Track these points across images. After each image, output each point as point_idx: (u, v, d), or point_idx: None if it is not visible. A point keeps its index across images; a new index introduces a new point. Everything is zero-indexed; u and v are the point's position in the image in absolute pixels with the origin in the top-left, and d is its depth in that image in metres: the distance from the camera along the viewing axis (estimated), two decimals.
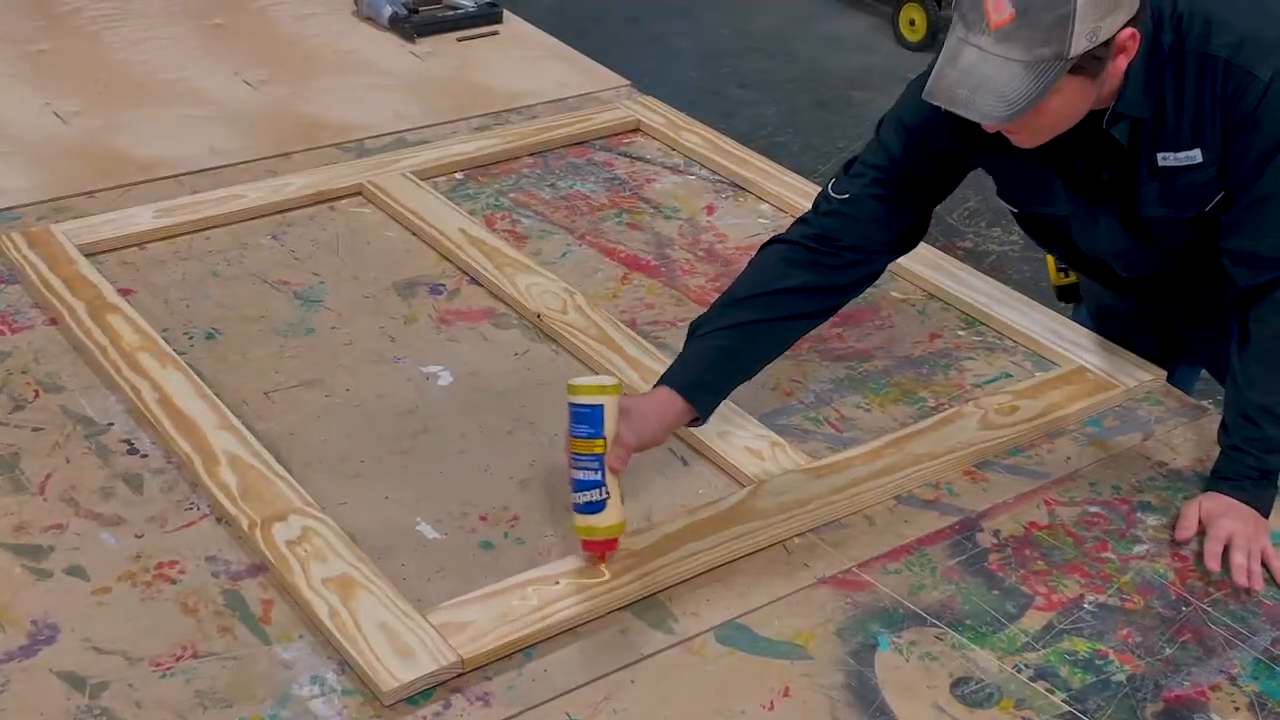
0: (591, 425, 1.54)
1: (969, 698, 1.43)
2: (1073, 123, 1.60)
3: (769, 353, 1.74)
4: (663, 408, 1.62)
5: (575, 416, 1.55)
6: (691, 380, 1.65)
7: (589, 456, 1.54)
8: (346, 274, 2.12)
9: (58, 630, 1.46)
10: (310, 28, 2.99)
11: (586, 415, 1.54)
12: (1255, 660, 1.49)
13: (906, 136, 1.73)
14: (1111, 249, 1.79)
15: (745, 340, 1.69)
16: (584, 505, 1.54)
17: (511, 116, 2.65)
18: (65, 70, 2.74)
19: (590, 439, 1.54)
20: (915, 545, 1.63)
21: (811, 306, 1.74)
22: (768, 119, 5.04)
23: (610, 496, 1.54)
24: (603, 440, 1.54)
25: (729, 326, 1.68)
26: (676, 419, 1.64)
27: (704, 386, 1.66)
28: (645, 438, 1.59)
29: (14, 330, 1.95)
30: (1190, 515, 1.66)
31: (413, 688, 1.39)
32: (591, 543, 1.56)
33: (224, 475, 1.65)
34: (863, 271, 1.77)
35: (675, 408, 1.63)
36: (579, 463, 1.54)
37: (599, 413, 1.54)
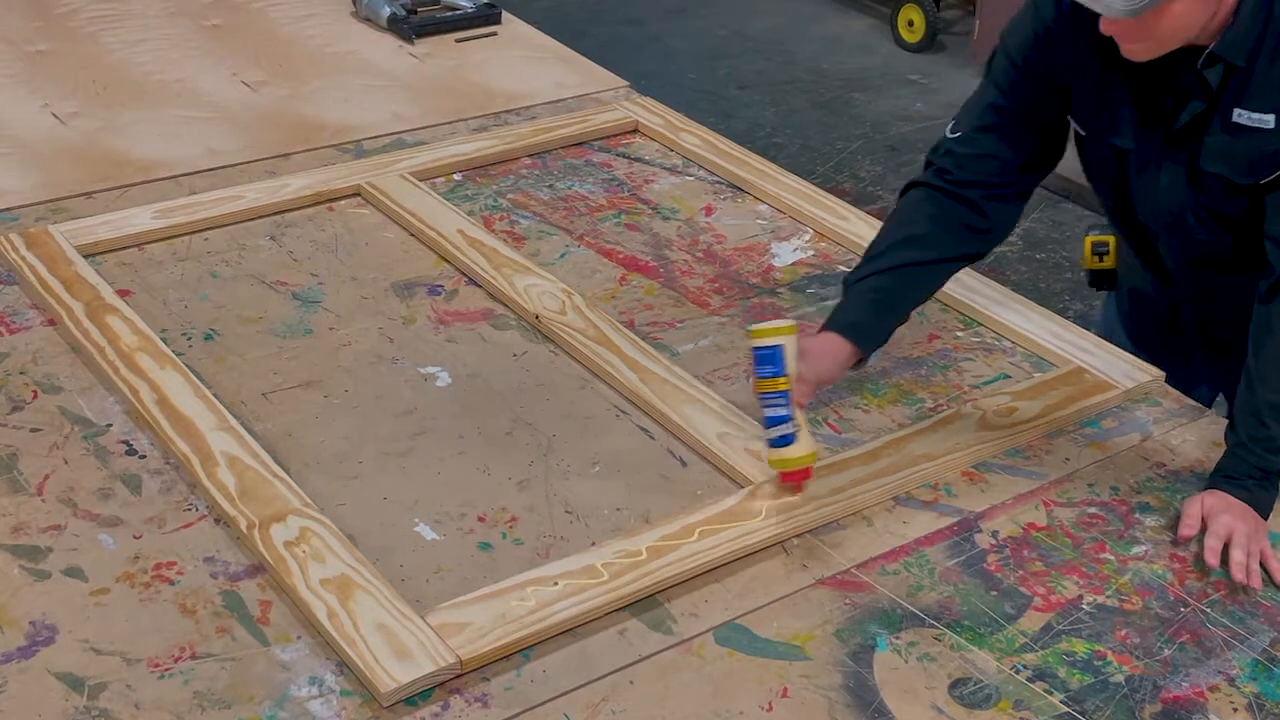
0: (774, 365, 1.66)
1: (967, 698, 1.43)
2: (1185, 38, 1.62)
3: (921, 294, 1.84)
4: (834, 349, 1.74)
5: (759, 359, 1.67)
6: (852, 322, 1.76)
7: (775, 394, 1.66)
8: (345, 275, 2.12)
9: (56, 631, 1.46)
10: (309, 29, 2.99)
11: (769, 356, 1.66)
12: (1254, 661, 1.49)
13: (1009, 63, 1.79)
14: (1165, 203, 1.78)
15: (897, 283, 1.79)
16: (776, 440, 1.65)
17: (510, 117, 2.65)
18: (63, 71, 2.74)
19: (774, 378, 1.66)
20: (914, 546, 1.63)
21: (955, 246, 1.82)
22: (766, 120, 5.04)
23: (800, 429, 1.65)
24: (786, 378, 1.66)
25: (881, 271, 1.79)
26: (846, 360, 1.75)
27: (865, 329, 1.77)
28: (823, 374, 1.72)
29: (12, 331, 1.95)
30: (1193, 512, 1.65)
31: (411, 689, 1.39)
32: (787, 474, 1.67)
33: (222, 476, 1.65)
34: (996, 206, 1.82)
35: (844, 350, 1.75)
36: (767, 401, 1.66)
37: (779, 352, 1.66)
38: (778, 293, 2.12)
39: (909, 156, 4.84)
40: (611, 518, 1.66)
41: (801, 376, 1.67)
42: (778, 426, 1.65)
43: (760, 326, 1.69)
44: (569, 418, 1.83)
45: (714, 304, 2.09)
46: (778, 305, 2.09)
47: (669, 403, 1.82)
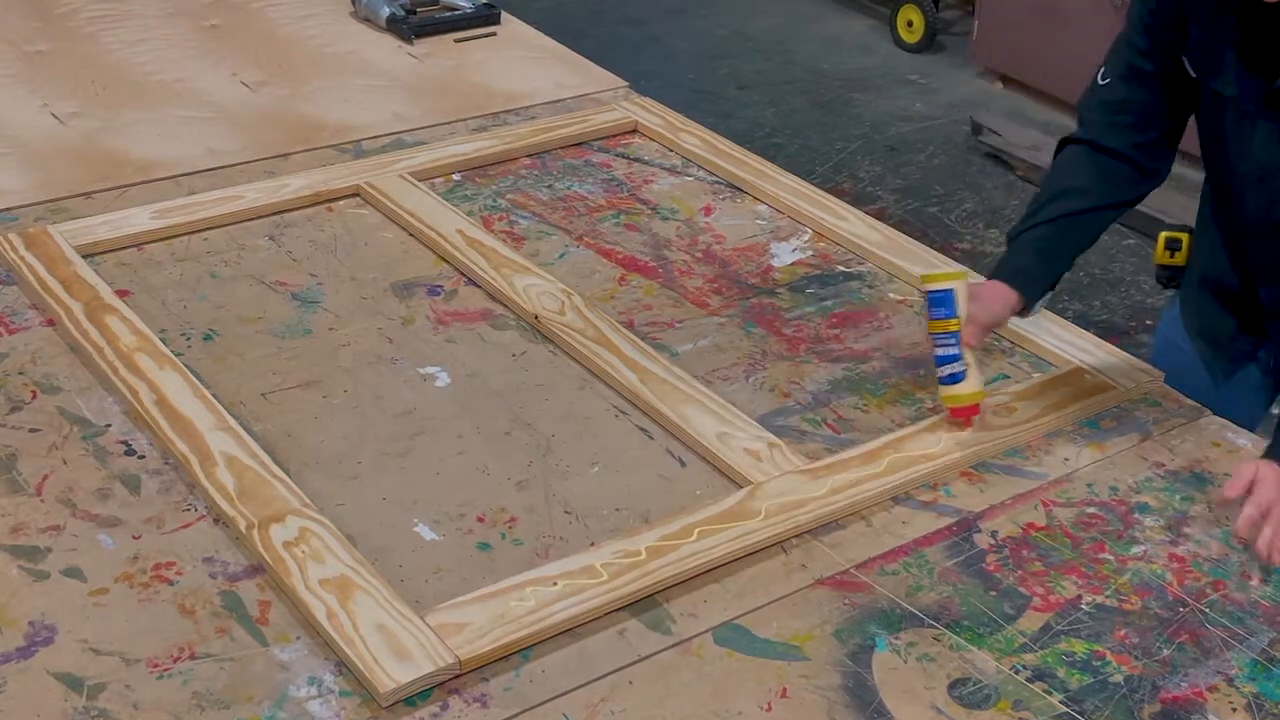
0: (947, 307, 1.78)
1: (967, 699, 1.43)
2: None
3: (1083, 241, 1.92)
4: (1002, 294, 1.83)
5: (932, 301, 1.79)
6: (1017, 270, 1.86)
7: (947, 335, 1.78)
8: (344, 275, 2.12)
9: (55, 631, 1.45)
10: (308, 29, 2.99)
11: (942, 299, 1.78)
12: (1253, 661, 1.49)
13: (1142, 7, 1.82)
14: (1258, 161, 1.78)
15: (1058, 232, 1.88)
16: (947, 377, 1.78)
17: (509, 117, 2.65)
18: (63, 71, 2.74)
19: (946, 320, 1.77)
20: (913, 546, 1.63)
21: (1112, 194, 1.90)
22: (765, 120, 5.04)
23: (969, 367, 1.77)
24: (957, 320, 1.77)
25: (1044, 222, 1.88)
26: (1013, 306, 1.85)
27: (1029, 276, 1.86)
28: (992, 316, 1.81)
29: (11, 331, 1.95)
30: (1243, 477, 1.62)
31: (410, 689, 1.39)
32: (957, 410, 1.79)
33: (221, 476, 1.65)
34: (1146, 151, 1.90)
35: (1010, 296, 1.84)
36: (939, 341, 1.78)
37: (952, 295, 1.78)
38: (777, 293, 2.13)
39: (908, 157, 4.84)
40: (610, 518, 1.66)
41: (972, 318, 1.77)
42: (948, 365, 1.78)
43: (932, 273, 1.82)
44: (568, 418, 1.83)
45: (713, 304, 2.09)
46: (776, 305, 2.09)
47: (668, 403, 1.83)
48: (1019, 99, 5.19)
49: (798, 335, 2.02)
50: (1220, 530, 1.67)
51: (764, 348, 1.99)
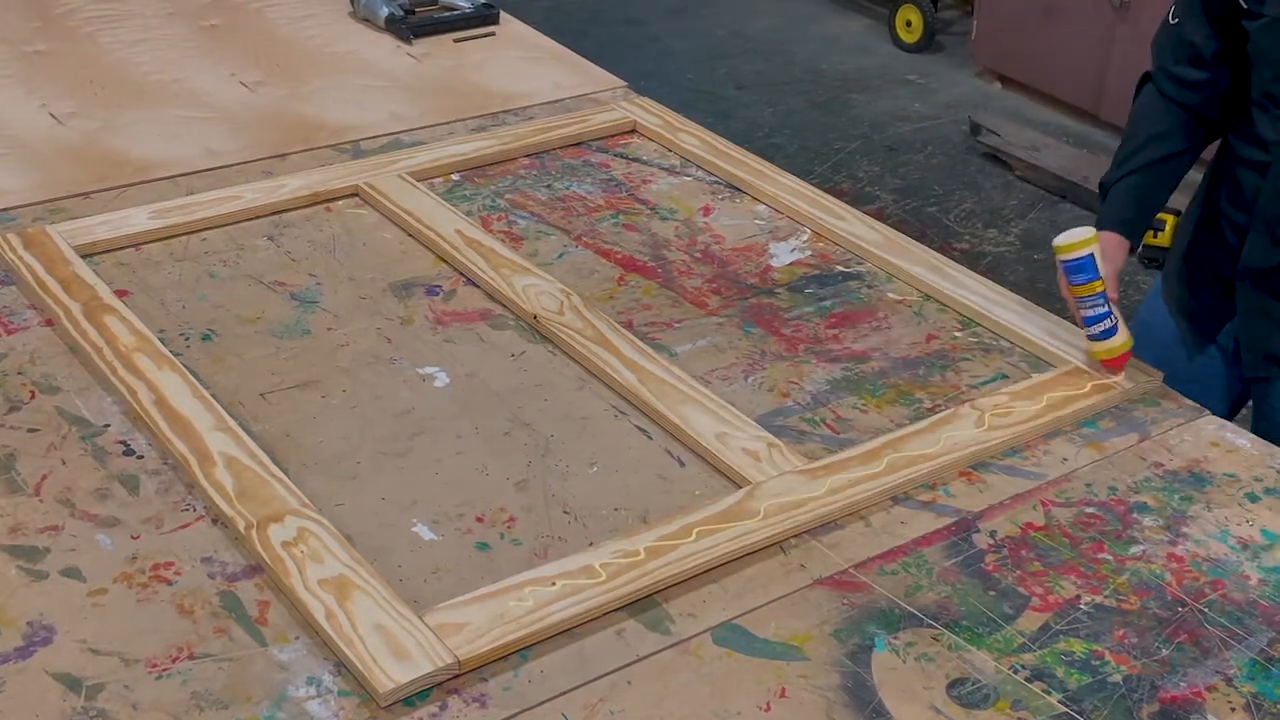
0: (1090, 272, 1.90)
1: (965, 698, 1.43)
2: None
3: (1174, 182, 2.05)
4: (1117, 243, 1.98)
5: (1073, 269, 1.90)
6: (1122, 219, 2.01)
7: (1093, 296, 1.90)
8: (343, 275, 2.12)
9: (54, 632, 1.45)
10: (307, 29, 2.99)
11: (1083, 264, 1.90)
12: (1252, 661, 1.49)
13: None
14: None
15: (1150, 178, 2.03)
16: (1100, 334, 1.91)
17: (508, 118, 2.65)
18: (61, 71, 2.73)
19: (1091, 283, 1.90)
20: (912, 546, 1.63)
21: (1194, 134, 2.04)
22: (764, 120, 5.05)
23: (1118, 320, 1.91)
24: (1100, 280, 1.90)
25: (1134, 170, 2.03)
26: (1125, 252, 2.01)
27: (1132, 223, 2.02)
28: (1118, 266, 1.97)
29: (10, 331, 1.95)
30: None
31: (409, 689, 1.39)
32: (1112, 361, 1.91)
33: (220, 476, 1.65)
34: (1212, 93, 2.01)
35: (1122, 243, 2.00)
36: (1086, 303, 1.90)
37: (1091, 260, 1.89)
38: (775, 293, 2.13)
39: (907, 156, 4.85)
40: (609, 518, 1.66)
41: (1108, 275, 1.90)
42: (1099, 323, 1.90)
43: (1065, 241, 1.91)
44: (567, 418, 1.83)
45: (712, 304, 2.09)
46: (775, 305, 2.09)
47: (667, 403, 1.83)
48: (1018, 99, 5.19)
49: (796, 335, 2.02)
50: (1220, 530, 1.68)
51: (763, 348, 1.99)
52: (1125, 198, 2.03)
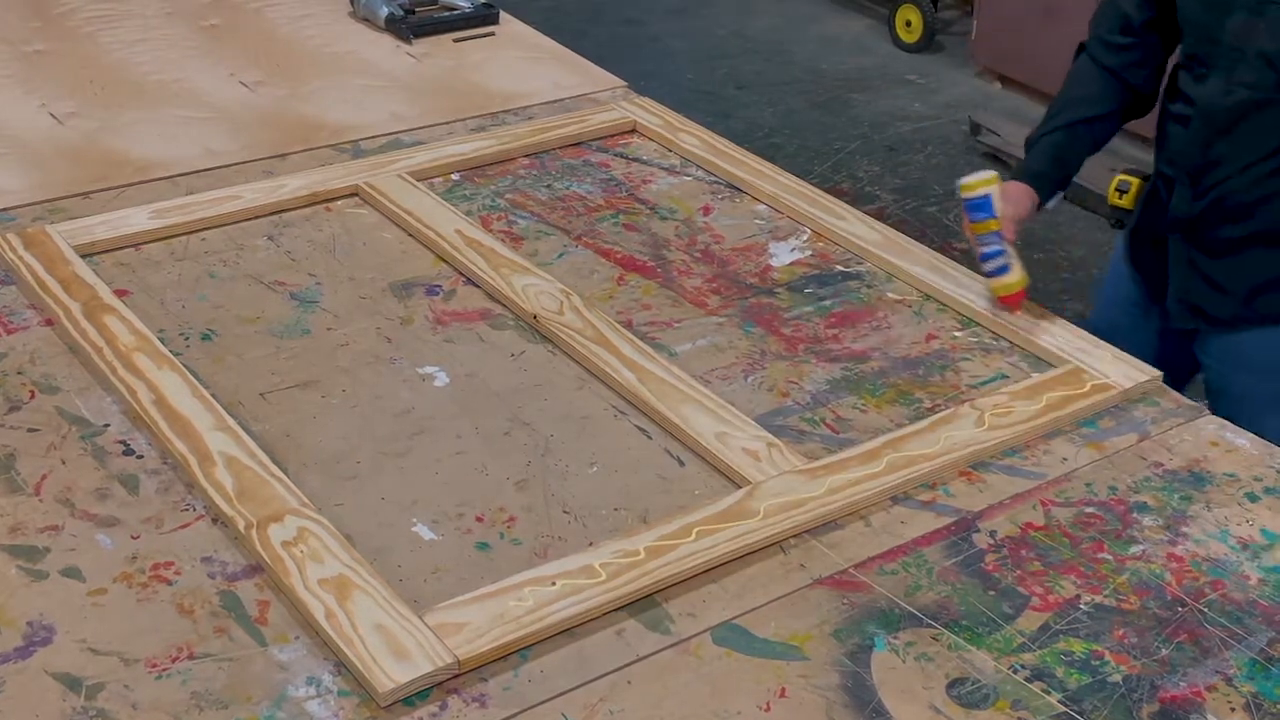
0: (986, 210, 2.03)
1: (965, 698, 1.43)
2: None
3: (1090, 146, 2.19)
4: (1024, 194, 2.11)
5: (971, 206, 2.04)
6: (1035, 173, 2.16)
7: (989, 234, 2.03)
8: (343, 275, 2.12)
9: (53, 631, 1.45)
10: (306, 29, 2.99)
11: (980, 204, 2.03)
12: (1251, 661, 1.49)
13: None
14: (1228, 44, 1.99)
15: (1069, 138, 2.17)
16: (993, 271, 2.03)
17: (508, 117, 2.65)
18: (61, 71, 2.73)
19: (987, 221, 2.03)
20: (911, 546, 1.63)
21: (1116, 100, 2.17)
22: (764, 120, 5.04)
23: (1012, 260, 2.02)
24: (996, 220, 2.02)
25: (1056, 129, 2.17)
26: (1035, 203, 2.13)
27: (1045, 178, 2.16)
28: (1020, 212, 2.08)
29: (10, 331, 1.95)
30: None
31: (409, 689, 1.39)
32: (1007, 298, 2.03)
33: (220, 476, 1.65)
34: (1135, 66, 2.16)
35: (1031, 195, 2.12)
36: (982, 241, 2.03)
37: (989, 200, 2.03)
38: (775, 292, 2.13)
39: (907, 156, 4.85)
40: (609, 518, 1.66)
41: (1006, 216, 2.03)
42: (994, 259, 2.02)
43: (968, 181, 2.04)
44: (567, 418, 1.83)
45: (712, 304, 2.09)
46: (775, 305, 2.09)
47: (667, 402, 1.83)
48: (1017, 99, 5.19)
49: (796, 335, 2.02)
50: (1219, 529, 1.68)
51: (763, 347, 1.99)
52: (1042, 153, 2.17)
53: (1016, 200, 2.08)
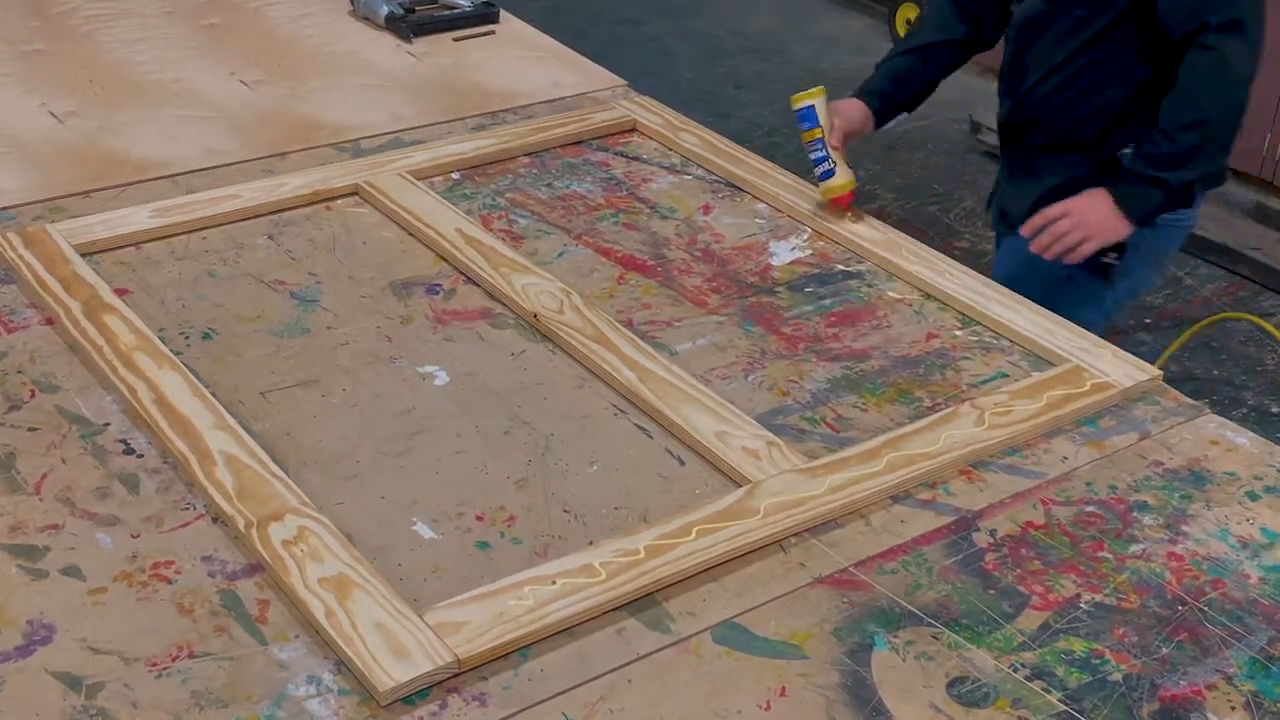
0: (811, 121, 2.26)
1: (965, 697, 1.43)
2: None
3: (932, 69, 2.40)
4: (857, 108, 2.34)
5: (799, 118, 2.27)
6: (871, 90, 2.38)
7: (814, 142, 2.26)
8: (343, 274, 2.12)
9: (54, 630, 1.45)
10: (306, 28, 2.99)
11: (805, 114, 2.27)
12: (1251, 660, 1.49)
13: None
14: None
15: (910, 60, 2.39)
16: (821, 175, 2.26)
17: (508, 116, 2.65)
18: (61, 70, 2.73)
19: (812, 129, 2.26)
20: (912, 545, 1.63)
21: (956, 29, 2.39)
22: (764, 119, 5.04)
23: (836, 165, 2.25)
24: (820, 129, 2.26)
25: (901, 53, 2.40)
26: (866, 119, 2.36)
27: (880, 95, 2.37)
28: (849, 124, 2.32)
29: (10, 330, 1.95)
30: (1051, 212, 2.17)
31: (409, 688, 1.39)
32: (835, 199, 2.26)
33: (220, 475, 1.65)
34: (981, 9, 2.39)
35: (864, 110, 2.35)
36: (809, 148, 2.27)
37: (813, 110, 2.26)
38: (775, 291, 2.13)
39: (906, 155, 4.85)
40: (609, 517, 1.66)
41: (835, 127, 2.26)
42: (820, 165, 2.25)
43: (797, 95, 2.27)
44: (567, 417, 1.83)
45: (712, 303, 2.09)
46: (775, 304, 2.09)
47: (667, 401, 1.83)
48: None
49: (796, 334, 2.02)
50: (1220, 528, 1.68)
51: (763, 346, 1.99)
52: (883, 74, 2.40)
53: (847, 113, 2.32)
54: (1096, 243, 2.16)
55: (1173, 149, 2.06)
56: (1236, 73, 2.06)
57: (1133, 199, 2.12)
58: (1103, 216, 2.14)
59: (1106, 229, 2.15)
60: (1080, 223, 2.15)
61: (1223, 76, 2.05)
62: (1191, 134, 2.07)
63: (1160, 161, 2.08)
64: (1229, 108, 2.08)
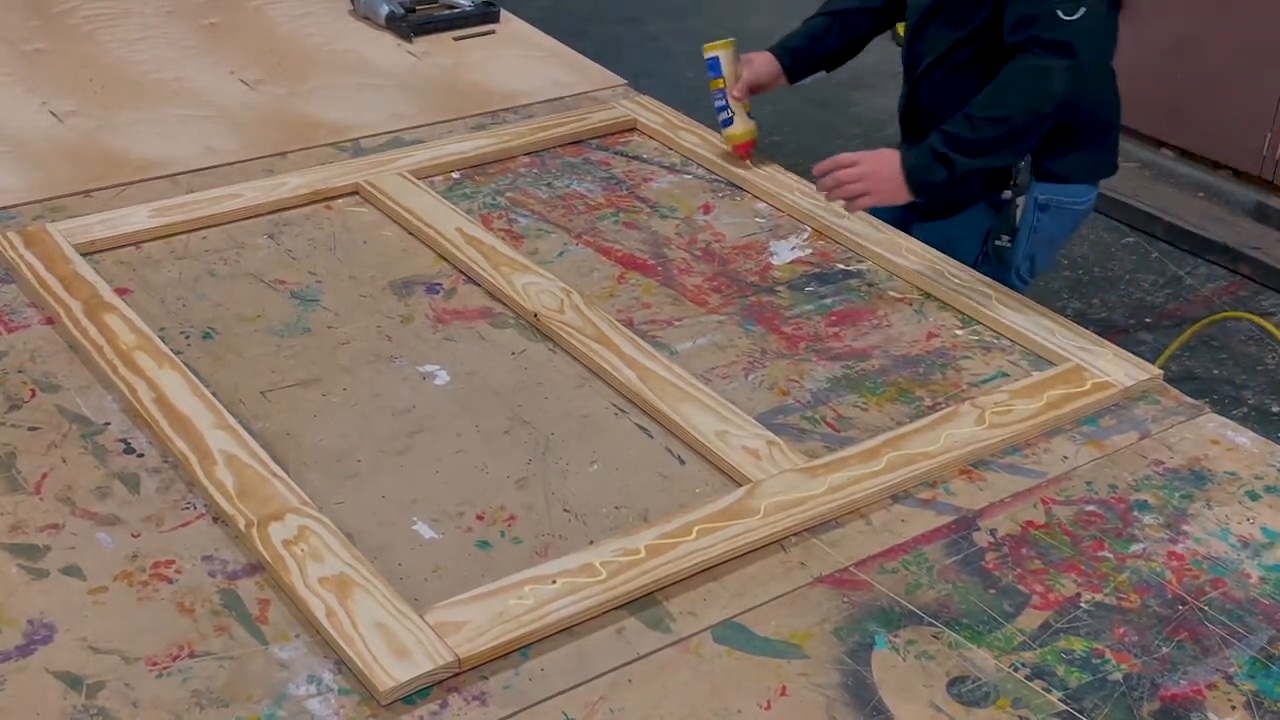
0: (714, 71, 2.41)
1: (965, 697, 1.43)
2: None
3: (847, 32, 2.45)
4: (768, 63, 2.45)
5: (708, 66, 2.41)
6: (784, 47, 2.47)
7: (717, 91, 2.42)
8: (343, 273, 2.12)
9: (54, 630, 1.45)
10: (307, 27, 2.99)
11: (711, 63, 2.42)
12: (1252, 659, 1.49)
13: None
14: None
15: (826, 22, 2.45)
16: (721, 123, 2.42)
17: (508, 116, 2.65)
18: (61, 70, 2.73)
19: (716, 79, 2.41)
20: (912, 544, 1.63)
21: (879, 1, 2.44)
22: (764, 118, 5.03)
23: (736, 115, 2.41)
24: (723, 79, 2.41)
25: (821, 14, 2.46)
26: (776, 74, 2.46)
27: (791, 51, 2.46)
28: (756, 76, 2.43)
29: (10, 330, 1.94)
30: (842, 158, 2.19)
31: (409, 687, 1.39)
32: (737, 147, 2.44)
33: (220, 475, 1.65)
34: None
35: (775, 65, 2.45)
36: (714, 97, 2.43)
37: (717, 60, 2.41)
38: (776, 291, 2.13)
39: None
40: (610, 516, 1.66)
41: (741, 79, 2.40)
42: (721, 113, 2.41)
43: (707, 44, 2.41)
44: (567, 416, 1.83)
45: (712, 302, 2.09)
46: (776, 304, 2.09)
47: (667, 401, 1.82)
48: None
49: (797, 333, 2.02)
50: (1220, 528, 1.68)
51: (763, 346, 1.99)
52: (799, 32, 2.47)
53: (756, 66, 2.42)
54: (875, 199, 2.19)
55: (971, 136, 2.10)
56: (1052, 87, 2.08)
57: (918, 169, 2.15)
58: (887, 177, 2.17)
59: (886, 191, 2.17)
60: (865, 174, 2.17)
61: (1037, 86, 2.08)
62: (991, 128, 2.10)
63: (955, 143, 2.11)
64: (1032, 114, 2.11)
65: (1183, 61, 4.37)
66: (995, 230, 2.35)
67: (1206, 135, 4.44)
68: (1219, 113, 4.37)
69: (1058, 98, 2.08)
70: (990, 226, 2.36)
